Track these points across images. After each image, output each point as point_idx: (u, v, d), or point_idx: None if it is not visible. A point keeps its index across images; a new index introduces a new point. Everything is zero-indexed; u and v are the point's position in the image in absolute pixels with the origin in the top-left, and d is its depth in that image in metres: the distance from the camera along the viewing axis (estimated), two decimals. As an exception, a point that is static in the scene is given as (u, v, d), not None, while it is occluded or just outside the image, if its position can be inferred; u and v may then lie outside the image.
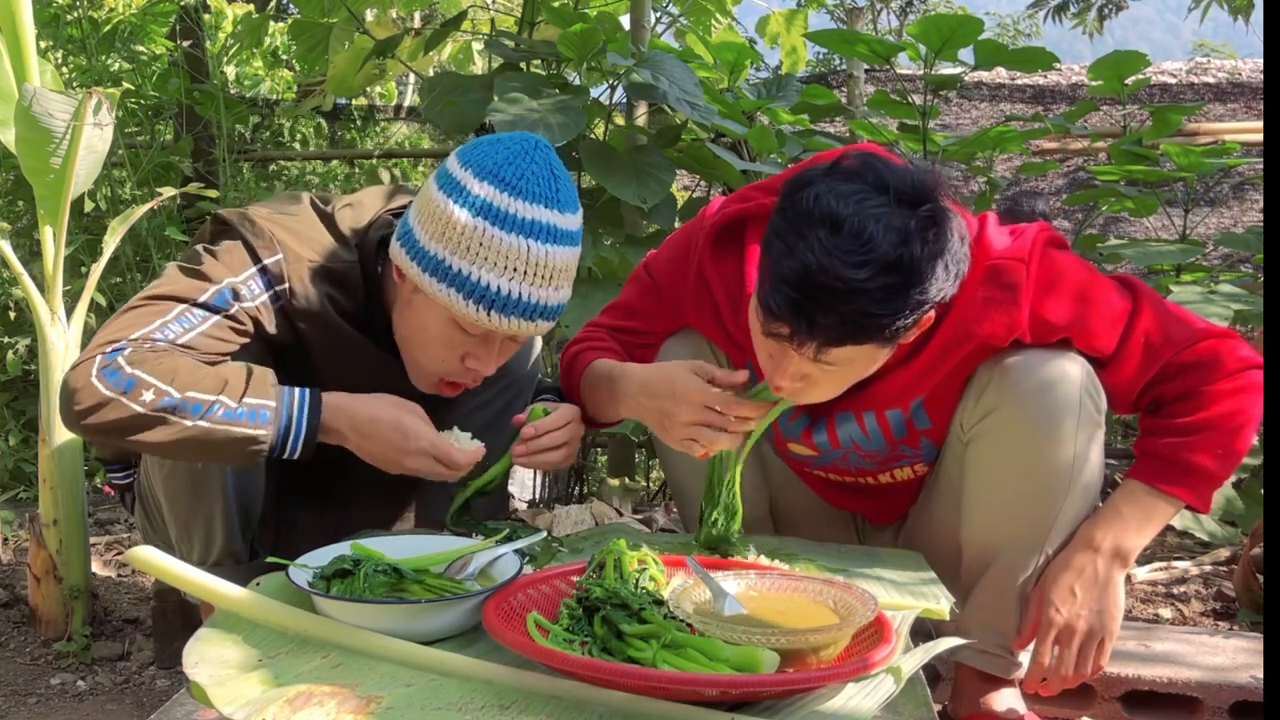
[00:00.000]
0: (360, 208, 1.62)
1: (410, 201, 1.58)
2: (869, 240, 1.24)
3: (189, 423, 1.37)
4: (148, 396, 1.36)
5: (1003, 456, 1.48)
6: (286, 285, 1.52)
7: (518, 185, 1.43)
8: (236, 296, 1.48)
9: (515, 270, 1.43)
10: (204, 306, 1.46)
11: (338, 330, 1.56)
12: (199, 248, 1.53)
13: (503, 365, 1.68)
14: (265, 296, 1.51)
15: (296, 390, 1.45)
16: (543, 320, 1.48)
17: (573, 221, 1.48)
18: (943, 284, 1.30)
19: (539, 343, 1.84)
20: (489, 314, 1.44)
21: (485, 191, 1.43)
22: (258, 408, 1.40)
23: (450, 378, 1.57)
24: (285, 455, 1.43)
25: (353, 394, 1.49)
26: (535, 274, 1.44)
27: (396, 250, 1.51)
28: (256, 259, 1.51)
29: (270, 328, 1.52)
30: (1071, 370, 1.45)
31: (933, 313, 1.37)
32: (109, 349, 1.39)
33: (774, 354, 1.39)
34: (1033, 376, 1.45)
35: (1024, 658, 1.57)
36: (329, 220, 1.59)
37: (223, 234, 1.54)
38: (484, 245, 1.42)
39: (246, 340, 1.51)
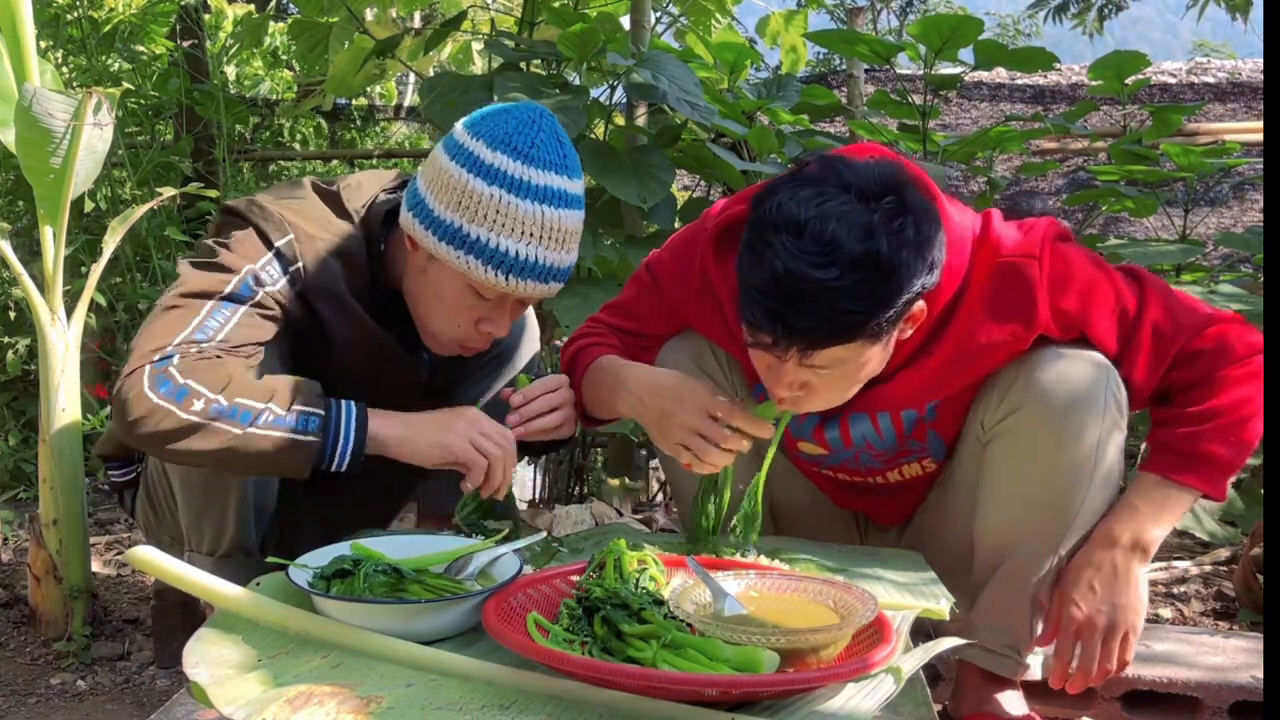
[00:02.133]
0: (360, 188, 1.65)
1: (406, 180, 1.60)
2: (832, 239, 1.25)
3: (237, 430, 1.39)
4: (198, 405, 1.39)
5: (1023, 454, 1.48)
6: (300, 264, 1.54)
7: (530, 154, 1.48)
8: (259, 283, 1.51)
9: (533, 235, 1.48)
10: (231, 299, 1.49)
11: (349, 307, 1.59)
12: (210, 242, 1.55)
13: (503, 353, 1.70)
14: (284, 280, 1.53)
15: (343, 402, 1.47)
16: (555, 282, 1.54)
17: (579, 186, 1.54)
18: (917, 272, 1.30)
19: (535, 326, 1.85)
20: (507, 279, 1.49)
21: (500, 161, 1.47)
22: (308, 414, 1.43)
23: (465, 342, 1.61)
24: (333, 466, 1.45)
25: (404, 415, 1.51)
26: (550, 238, 1.49)
27: (409, 220, 1.54)
28: (269, 244, 1.53)
29: (292, 310, 1.55)
30: (1094, 370, 1.45)
31: (923, 303, 1.37)
32: (157, 357, 1.41)
33: (770, 366, 1.39)
34: (1057, 375, 1.45)
35: (1031, 659, 1.57)
36: (333, 199, 1.62)
37: (231, 224, 1.57)
38: (501, 213, 1.47)
39: (277, 326, 1.53)
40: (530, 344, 1.84)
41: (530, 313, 1.82)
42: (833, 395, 1.43)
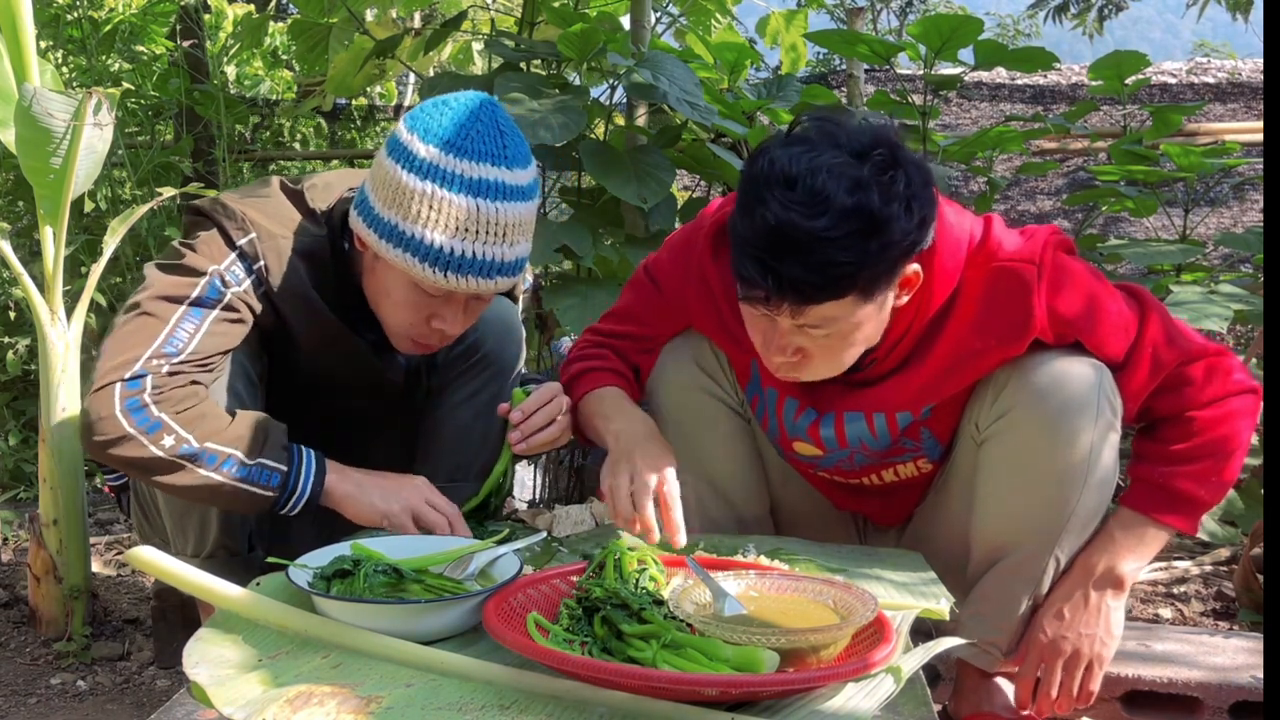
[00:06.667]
0: (329, 187, 1.64)
1: None
2: (823, 190, 1.26)
3: (203, 472, 1.42)
4: (168, 442, 1.41)
5: (1017, 456, 1.48)
6: (262, 263, 1.54)
7: (463, 145, 1.44)
8: (225, 284, 1.51)
9: (466, 230, 1.44)
10: (199, 304, 1.49)
11: (312, 306, 1.58)
12: (176, 244, 1.56)
13: (487, 355, 1.69)
14: (249, 281, 1.54)
15: (305, 456, 1.49)
16: (501, 277, 1.49)
17: (523, 176, 1.48)
18: (906, 226, 1.31)
19: (519, 328, 1.84)
20: (445, 275, 1.46)
21: (430, 154, 1.44)
22: (270, 470, 1.45)
23: (418, 339, 1.59)
24: (282, 513, 1.49)
25: (358, 473, 1.53)
26: (487, 232, 1.45)
27: (355, 219, 1.53)
28: (232, 244, 1.53)
29: (258, 310, 1.55)
30: (1089, 372, 1.45)
31: (917, 265, 1.38)
32: (128, 375, 1.42)
33: (764, 331, 1.40)
34: (1050, 378, 1.45)
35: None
36: (298, 198, 1.61)
37: (197, 225, 1.58)
38: (432, 208, 1.44)
39: (246, 328, 1.53)
40: (514, 345, 1.80)
41: (515, 313, 1.81)
42: (828, 361, 1.43)
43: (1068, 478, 1.46)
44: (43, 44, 4.06)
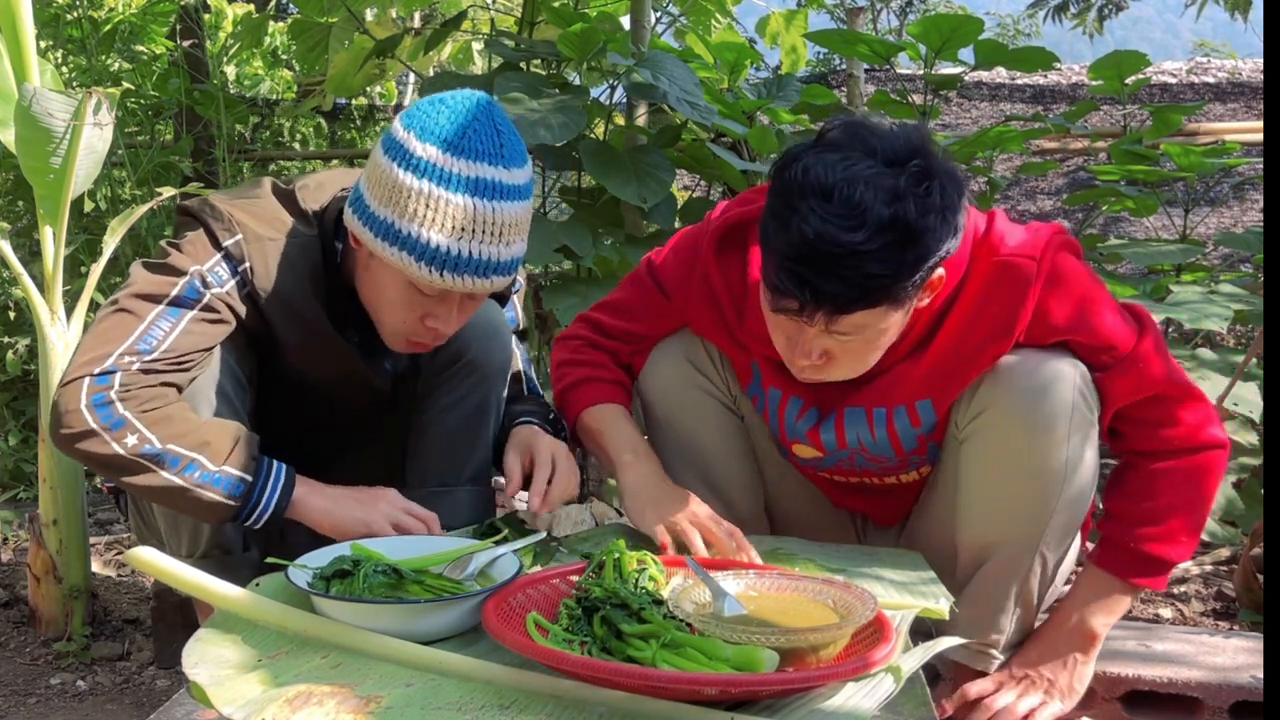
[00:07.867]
0: (321, 187, 1.63)
1: None
2: (861, 202, 1.26)
3: (165, 474, 1.41)
4: (130, 441, 1.39)
5: (996, 456, 1.48)
6: (248, 264, 1.53)
7: (460, 144, 1.43)
8: (205, 284, 1.50)
9: (464, 230, 1.43)
10: (177, 303, 1.48)
11: (298, 308, 1.57)
12: (163, 243, 1.56)
13: (471, 362, 1.68)
14: (233, 283, 1.52)
15: (274, 467, 1.47)
16: (497, 276, 1.48)
17: (519, 176, 1.47)
18: (941, 236, 1.31)
19: (505, 332, 1.80)
20: (442, 274, 1.44)
21: (428, 153, 1.43)
22: (236, 479, 1.43)
23: (412, 338, 1.57)
24: (246, 524, 1.47)
25: (330, 488, 1.51)
26: (484, 232, 1.44)
27: (350, 217, 1.52)
28: (218, 244, 1.52)
29: (241, 313, 1.54)
30: (1065, 371, 1.45)
31: (943, 270, 1.38)
32: (97, 371, 1.41)
33: (790, 335, 1.40)
34: (1026, 376, 1.45)
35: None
36: (288, 198, 1.60)
37: (185, 225, 1.56)
38: (430, 207, 1.42)
39: (228, 328, 1.52)
40: (500, 350, 1.76)
41: (501, 316, 1.78)
42: (853, 364, 1.43)
43: (1047, 475, 1.46)
44: (43, 44, 4.07)
